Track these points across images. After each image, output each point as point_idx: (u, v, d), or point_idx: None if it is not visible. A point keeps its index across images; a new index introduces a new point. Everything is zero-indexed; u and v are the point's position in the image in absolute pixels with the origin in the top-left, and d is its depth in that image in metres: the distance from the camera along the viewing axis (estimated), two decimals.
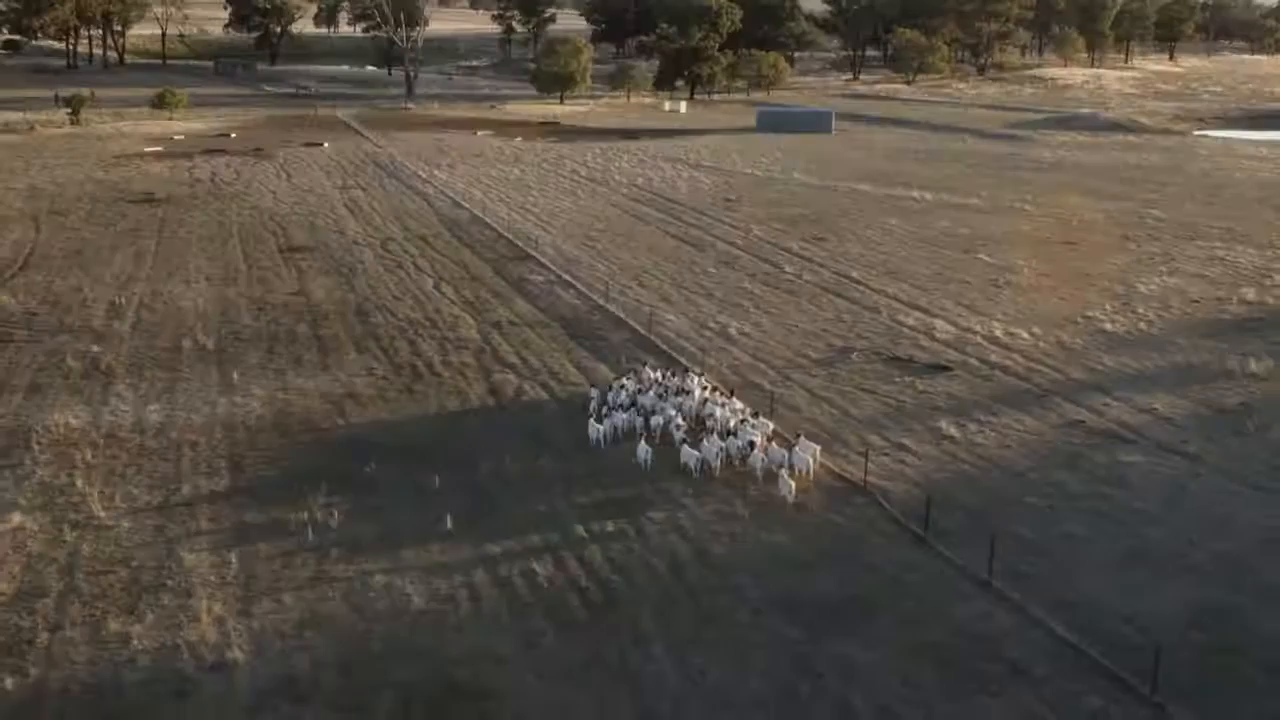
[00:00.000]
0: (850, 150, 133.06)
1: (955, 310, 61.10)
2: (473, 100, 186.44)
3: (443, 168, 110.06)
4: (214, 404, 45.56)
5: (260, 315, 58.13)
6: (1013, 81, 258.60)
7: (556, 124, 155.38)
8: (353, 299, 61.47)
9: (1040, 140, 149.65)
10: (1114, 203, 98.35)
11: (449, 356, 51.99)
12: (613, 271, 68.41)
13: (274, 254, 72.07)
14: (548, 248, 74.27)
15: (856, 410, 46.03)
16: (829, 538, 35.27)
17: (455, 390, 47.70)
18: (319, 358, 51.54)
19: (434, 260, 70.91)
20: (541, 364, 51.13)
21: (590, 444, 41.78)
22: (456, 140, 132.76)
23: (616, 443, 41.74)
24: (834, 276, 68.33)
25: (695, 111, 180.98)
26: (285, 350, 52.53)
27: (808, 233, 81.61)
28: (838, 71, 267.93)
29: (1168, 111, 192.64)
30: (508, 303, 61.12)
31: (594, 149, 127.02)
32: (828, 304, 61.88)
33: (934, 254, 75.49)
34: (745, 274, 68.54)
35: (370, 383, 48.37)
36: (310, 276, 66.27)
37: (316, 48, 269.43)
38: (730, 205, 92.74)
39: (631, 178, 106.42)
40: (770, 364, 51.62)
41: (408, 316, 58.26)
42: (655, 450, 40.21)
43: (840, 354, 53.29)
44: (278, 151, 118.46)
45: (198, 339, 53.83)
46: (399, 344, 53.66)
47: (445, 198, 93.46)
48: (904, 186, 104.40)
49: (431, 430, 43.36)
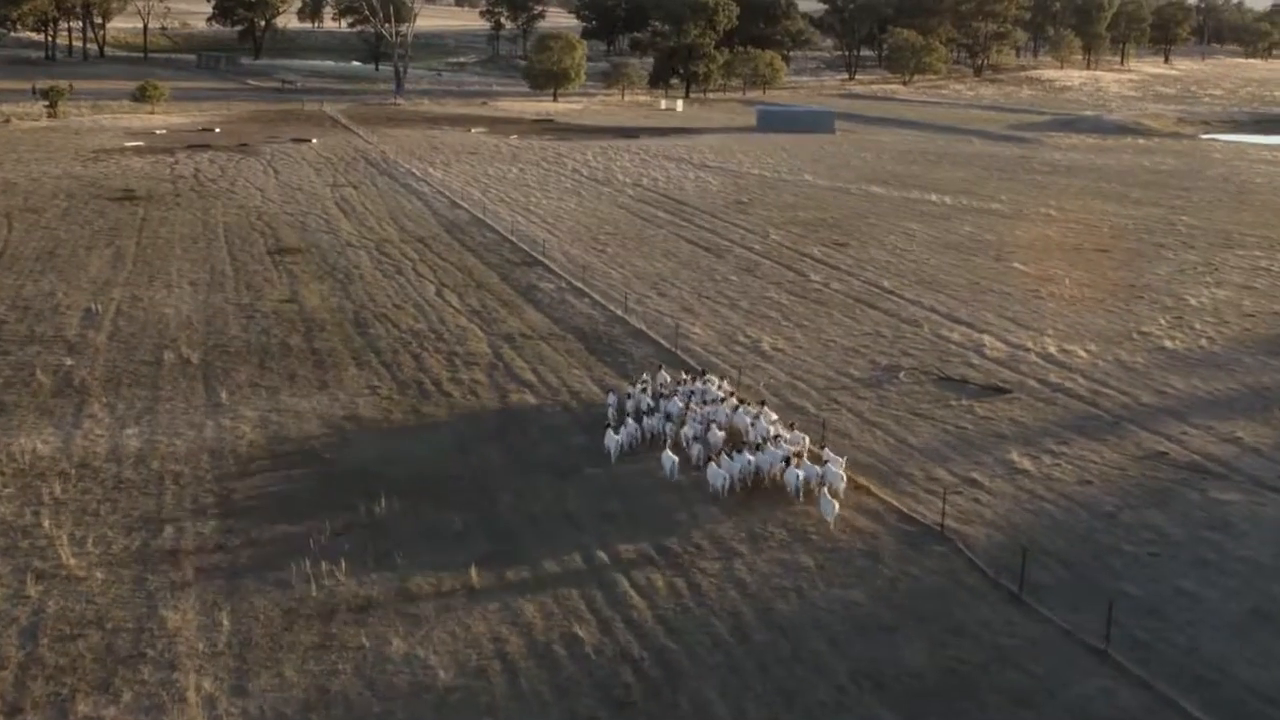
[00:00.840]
0: (857, 151, 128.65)
1: (1000, 324, 56.60)
2: (463, 97, 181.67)
3: (438, 165, 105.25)
4: (200, 427, 40.77)
5: (249, 325, 53.31)
6: (1010, 83, 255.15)
7: (551, 121, 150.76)
8: (349, 307, 56.68)
9: (1049, 143, 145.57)
10: (1139, 208, 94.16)
11: (458, 373, 47.25)
12: (627, 279, 63.77)
13: (263, 256, 67.25)
14: (556, 252, 69.54)
15: (915, 439, 41.45)
16: (910, 594, 30.68)
17: (468, 412, 42.98)
18: (315, 374, 46.77)
19: (434, 265, 66.15)
20: (560, 381, 46.49)
21: (607, 457, 38.53)
22: (450, 137, 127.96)
23: (633, 452, 38.70)
24: (864, 286, 63.79)
25: (692, 110, 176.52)
26: (278, 365, 47.75)
27: (828, 238, 77.07)
28: (832, 71, 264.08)
29: (1172, 114, 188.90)
30: (518, 313, 56.41)
31: (593, 147, 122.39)
32: (863, 316, 57.31)
33: (964, 261, 71.02)
34: (769, 282, 63.95)
35: (373, 403, 43.63)
36: (302, 281, 61.47)
37: (301, 42, 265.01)
38: (742, 208, 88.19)
39: (636, 178, 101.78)
40: (811, 384, 47.03)
41: (410, 327, 53.50)
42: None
43: (886, 373, 48.71)
44: (264, 147, 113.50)
45: (181, 351, 49.02)
46: (403, 358, 48.91)
47: (442, 197, 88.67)
48: (920, 189, 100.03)
49: (445, 459, 38.65)
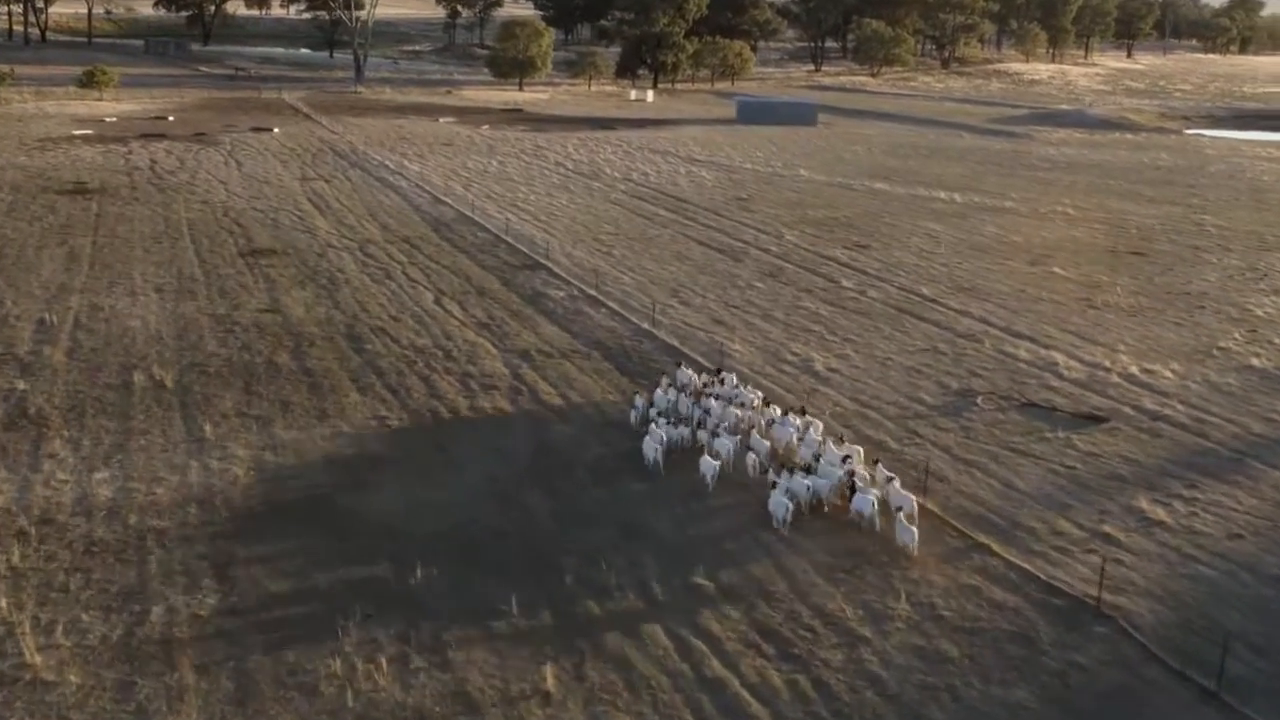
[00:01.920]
0: (845, 145, 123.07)
1: (1065, 339, 50.99)
2: (425, 85, 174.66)
3: (412, 157, 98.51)
4: (183, 470, 34.25)
5: (228, 339, 46.69)
6: (978, 76, 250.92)
7: (521, 111, 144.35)
8: (340, 318, 50.15)
9: (1038, 137, 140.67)
10: (1156, 207, 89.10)
11: (477, 400, 40.93)
12: (643, 284, 57.60)
13: (235, 258, 60.49)
14: (558, 254, 63.22)
15: (1021, 481, 35.59)
16: (1086, 694, 24.73)
17: (498, 451, 36.66)
18: (312, 400, 40.28)
19: (427, 268, 59.66)
20: (596, 409, 40.34)
21: (648, 467, 35.26)
22: (418, 127, 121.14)
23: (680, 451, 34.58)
24: (901, 293, 57.97)
25: (663, 101, 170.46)
26: (267, 389, 41.20)
27: (847, 239, 71.24)
28: (797, 63, 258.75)
29: (1151, 109, 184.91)
30: (530, 325, 50.09)
31: (572, 139, 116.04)
32: (913, 329, 51.46)
33: (999, 265, 65.40)
34: (798, 289, 57.99)
35: (385, 437, 37.23)
36: (283, 287, 54.84)
37: (249, 29, 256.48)
38: (745, 205, 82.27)
39: (625, 172, 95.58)
40: (882, 412, 41.10)
41: (412, 342, 47.05)
42: None
43: (961, 398, 42.88)
44: (223, 137, 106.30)
45: (153, 373, 42.36)
46: (410, 381, 42.49)
47: (423, 192, 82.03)
48: (924, 186, 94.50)
49: (481, 509, 32.37)
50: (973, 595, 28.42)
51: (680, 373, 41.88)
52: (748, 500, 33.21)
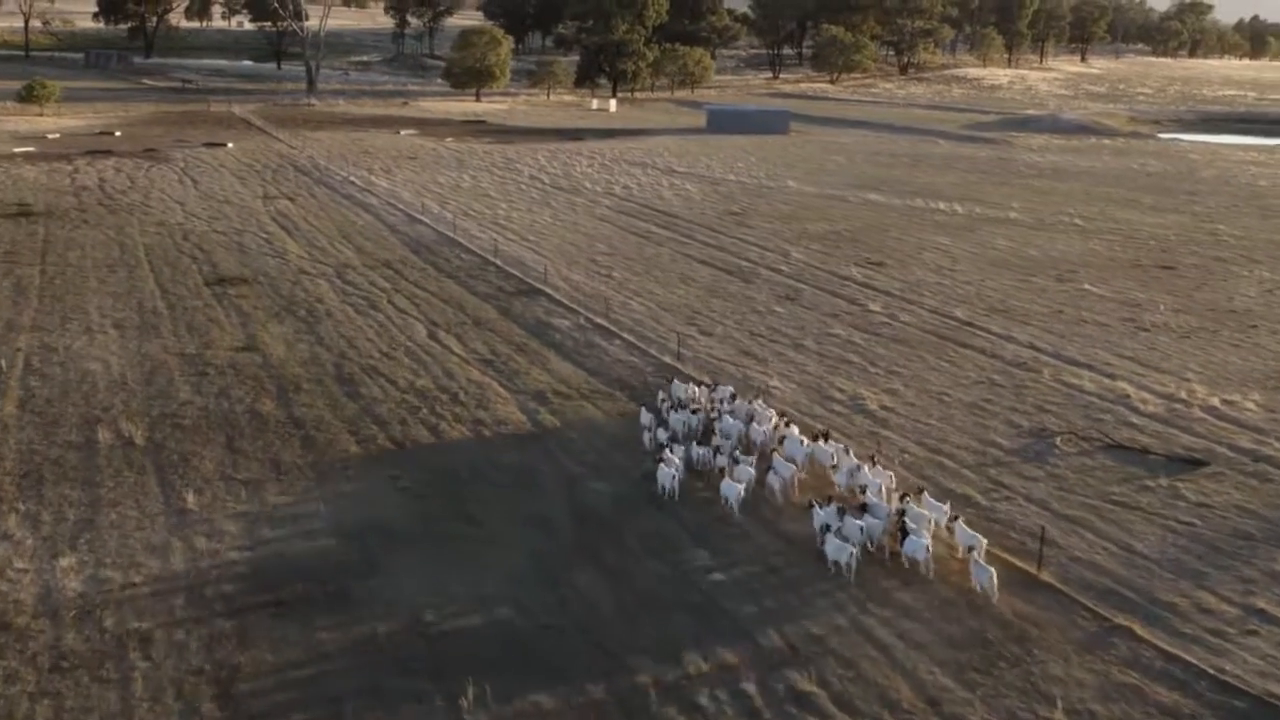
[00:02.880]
0: (824, 154, 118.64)
1: (1126, 366, 46.44)
2: (379, 97, 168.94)
3: (378, 173, 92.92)
4: (164, 552, 28.81)
5: (203, 384, 41.12)
6: (937, 81, 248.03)
7: (484, 123, 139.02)
8: (326, 357, 44.68)
9: (1017, 143, 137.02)
10: (1162, 216, 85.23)
11: (496, 453, 35.77)
12: (654, 311, 52.53)
13: (200, 288, 54.87)
14: (556, 278, 58.03)
15: (1140, 543, 30.83)
16: None
17: (533, 518, 31.46)
18: (306, 457, 34.86)
19: (414, 296, 54.29)
20: (636, 464, 35.12)
21: (661, 495, 32.52)
22: (380, 141, 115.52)
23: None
24: (935, 317, 53.26)
25: (626, 110, 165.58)
26: (253, 445, 35.72)
27: (858, 256, 66.51)
28: (753, 70, 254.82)
29: (1121, 113, 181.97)
30: (539, 361, 44.86)
31: (542, 151, 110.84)
32: (959, 359, 46.68)
33: (1025, 283, 60.89)
34: (823, 314, 53.11)
35: (402, 505, 31.88)
36: (258, 321, 49.29)
37: (192, 41, 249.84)
38: (740, 220, 77.41)
39: (606, 186, 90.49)
40: (955, 458, 36.22)
41: (411, 384, 41.71)
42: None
43: (1038, 440, 38.12)
44: (175, 153, 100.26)
45: (120, 427, 36.78)
46: (416, 431, 37.17)
47: (395, 210, 76.54)
48: (920, 197, 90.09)
49: (530, 598, 27.23)
50: (1136, 700, 23.59)
51: (676, 386, 39.71)
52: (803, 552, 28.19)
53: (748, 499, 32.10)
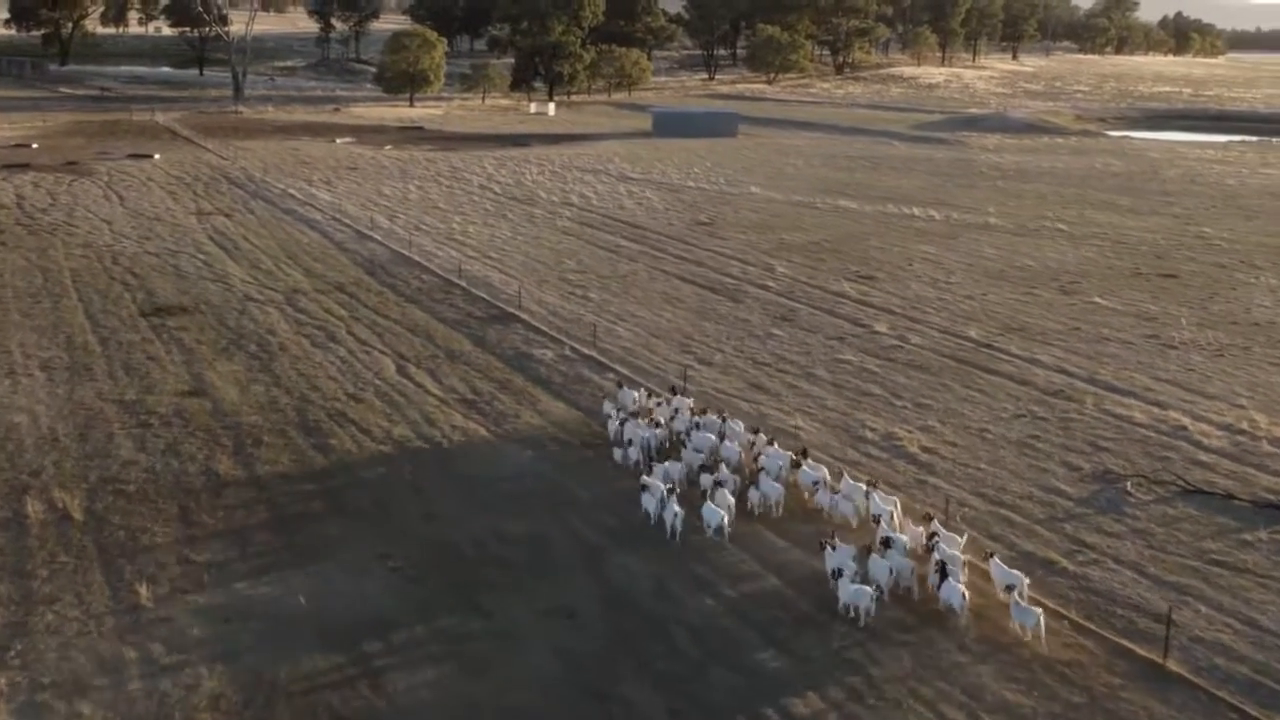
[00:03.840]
0: (779, 157, 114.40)
1: (1169, 392, 42.45)
2: (309, 103, 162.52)
3: (318, 184, 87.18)
4: (117, 671, 23.68)
5: (147, 439, 35.70)
6: (874, 81, 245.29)
7: (422, 129, 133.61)
8: (286, 401, 39.35)
9: (972, 144, 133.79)
10: (1142, 219, 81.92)
11: (500, 522, 30.94)
12: (643, 338, 47.68)
13: (135, 319, 49.28)
14: (529, 301, 53.05)
15: (1265, 617, 26.53)
16: None
17: (559, 611, 26.69)
18: (278, 533, 29.70)
19: (375, 325, 49.01)
20: (666, 533, 30.10)
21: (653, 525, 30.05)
22: (316, 149, 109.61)
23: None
24: (947, 338, 48.93)
25: (565, 114, 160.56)
26: (212, 517, 30.52)
27: (845, 269, 62.16)
28: (688, 71, 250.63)
29: (1067, 111, 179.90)
30: (528, 400, 39.87)
31: (488, 159, 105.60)
32: (989, 387, 42.35)
33: (1030, 297, 56.86)
34: (826, 337, 48.56)
35: (397, 593, 26.83)
36: (203, 359, 43.83)
37: (109, 47, 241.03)
38: (711, 231, 72.89)
39: (562, 195, 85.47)
40: (1021, 510, 31.77)
41: (388, 433, 36.55)
42: None
43: (1105, 485, 33.85)
44: (98, 165, 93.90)
45: (52, 497, 31.34)
46: (401, 497, 32.10)
47: (342, 226, 71.05)
48: (890, 202, 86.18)
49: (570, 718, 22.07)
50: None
51: (624, 394, 37.93)
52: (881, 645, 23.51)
53: (731, 525, 29.65)
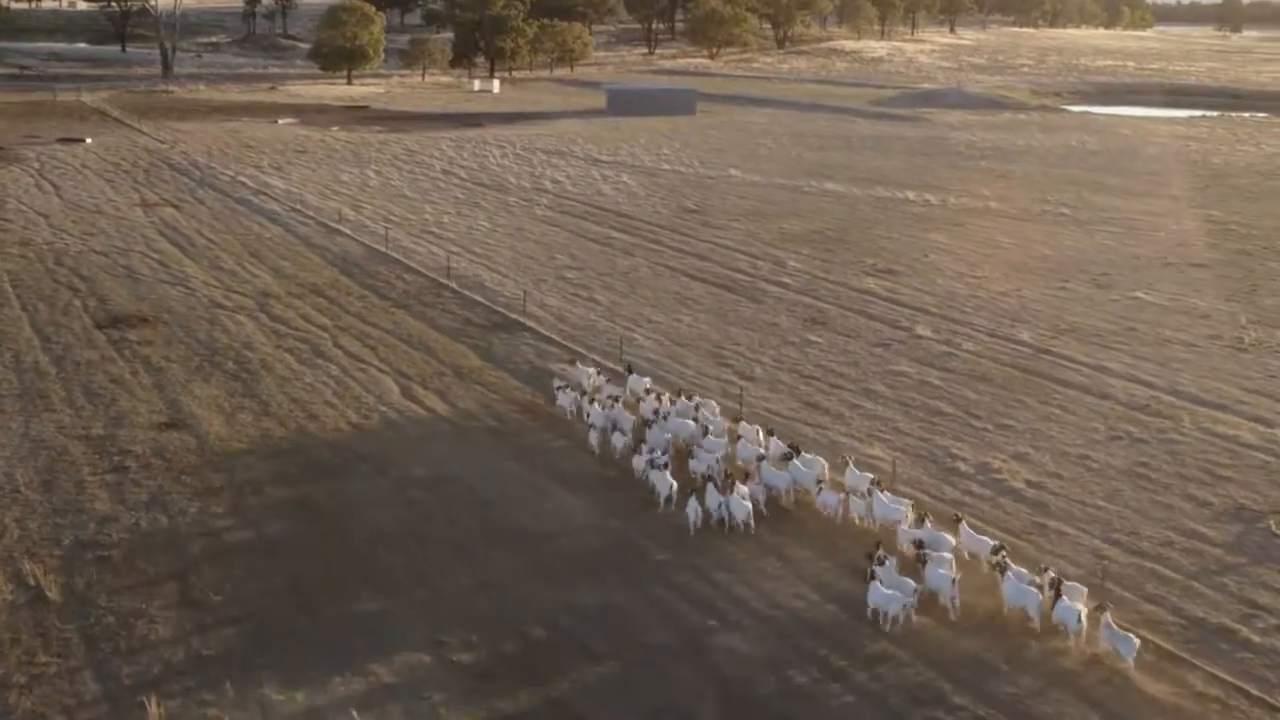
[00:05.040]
0: (746, 136, 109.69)
1: (1265, 405, 38.45)
2: (242, 81, 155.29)
3: (269, 170, 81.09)
4: None
5: (125, 487, 30.24)
6: (817, 55, 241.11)
7: (366, 108, 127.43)
8: (281, 434, 33.99)
9: (936, 120, 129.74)
10: (1142, 201, 78.30)
11: (571, 592, 25.48)
12: (668, 348, 42.77)
13: (90, 332, 43.50)
14: (532, 305, 47.77)
15: None
16: None
17: (665, 708, 21.34)
18: (304, 616, 24.40)
19: (365, 336, 43.60)
20: (769, 601, 25.30)
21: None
22: (259, 131, 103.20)
23: None
24: (999, 342, 44.66)
25: (511, 92, 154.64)
26: (221, 596, 25.14)
27: (859, 261, 57.71)
28: (626, 45, 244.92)
29: (1020, 86, 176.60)
30: (560, 429, 34.77)
31: (444, 140, 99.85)
32: (1067, 402, 38.05)
33: (1064, 291, 52.83)
34: (870, 343, 43.94)
35: (467, 697, 21.63)
36: (176, 380, 38.28)
37: (22, 22, 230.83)
38: (703, 220, 68.07)
39: (533, 180, 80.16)
40: (1164, 560, 27.60)
41: (408, 474, 31.39)
42: None
43: (1244, 524, 29.96)
44: (26, 151, 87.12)
45: (20, 568, 26.13)
46: (446, 559, 26.78)
47: (304, 217, 65.29)
48: (879, 185, 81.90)
49: None
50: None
51: (580, 371, 37.38)
52: None
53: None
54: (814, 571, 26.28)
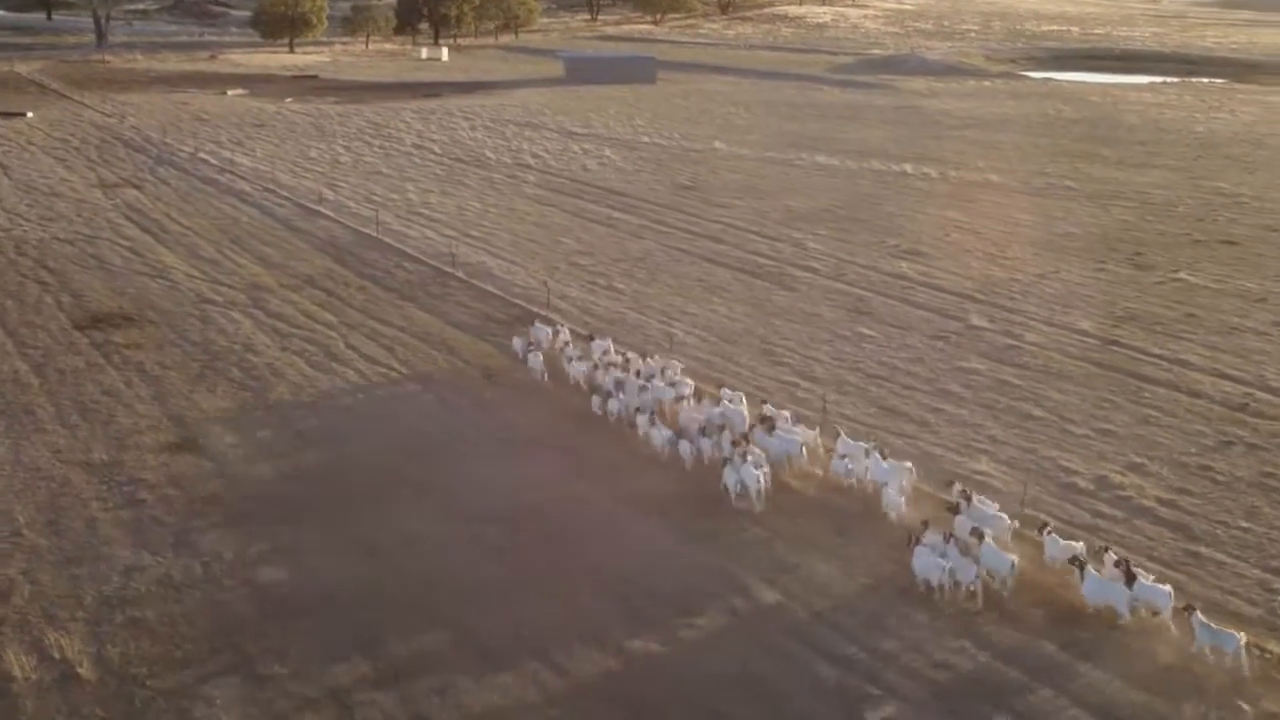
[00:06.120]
0: (715, 106, 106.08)
1: None
2: (180, 50, 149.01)
3: (229, 146, 76.40)
4: None
5: (145, 527, 26.31)
6: (762, 20, 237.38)
7: (315, 78, 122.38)
8: (314, 457, 30.14)
9: (901, 87, 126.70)
10: (1142, 172, 75.70)
11: (694, 650, 21.91)
12: (713, 344, 39.38)
13: (69, 333, 39.17)
14: (556, 298, 43.81)
15: None
16: None
17: None
18: (390, 696, 20.80)
19: (378, 335, 39.69)
20: (925, 660, 21.95)
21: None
22: (209, 104, 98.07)
23: None
24: (1062, 333, 41.84)
25: (460, 60, 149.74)
26: (285, 665, 21.22)
27: (881, 242, 54.67)
28: (567, 11, 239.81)
29: (975, 52, 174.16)
30: (617, 442, 30.97)
31: (406, 112, 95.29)
32: (1160, 401, 35.37)
33: (1104, 273, 50.11)
34: (925, 336, 40.80)
35: None
36: (177, 391, 34.22)
37: None
38: (702, 197, 64.52)
39: (513, 155, 76.16)
40: None
41: (475, 508, 27.52)
42: None
43: None
44: None
45: (41, 637, 22.05)
46: (528, 602, 23.15)
47: (279, 198, 60.90)
48: (870, 158, 78.88)
49: None
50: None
51: (537, 330, 37.31)
52: None
53: None
54: (966, 619, 22.84)
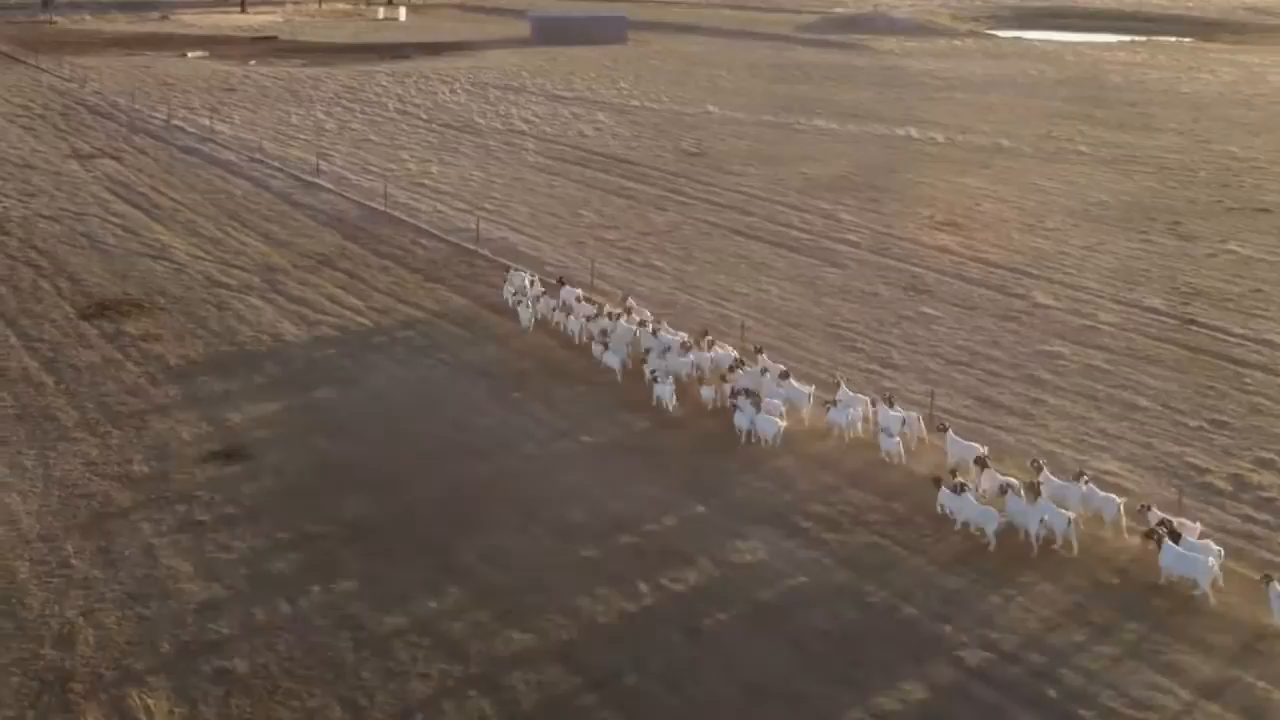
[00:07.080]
0: (696, 68, 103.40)
1: None
2: (129, 10, 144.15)
3: (202, 112, 72.81)
4: None
5: (208, 553, 23.61)
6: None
7: (274, 38, 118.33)
8: (368, 458, 27.21)
9: (874, 46, 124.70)
10: (1147, 136, 74.12)
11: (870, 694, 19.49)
12: (775, 327, 37.12)
13: (75, 324, 36.14)
14: (596, 278, 41.02)
15: None
16: None
17: None
18: None
19: (412, 320, 36.87)
20: (1134, 702, 19.60)
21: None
22: (171, 67, 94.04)
23: None
24: (1133, 311, 40.05)
25: (420, 20, 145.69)
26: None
27: (912, 212, 52.72)
28: None
29: (941, 11, 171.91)
30: (714, 437, 28.42)
31: (380, 76, 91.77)
32: (1263, 389, 33.41)
33: (1151, 245, 48.43)
34: (993, 316, 38.70)
35: None
36: (210, 389, 31.45)
37: None
38: (713, 164, 61.94)
39: (504, 121, 73.19)
40: None
41: (564, 518, 24.84)
42: None
43: None
44: None
45: (126, 702, 19.59)
46: (672, 643, 20.80)
47: (270, 168, 57.65)
48: (871, 121, 76.94)
49: None
50: None
51: (514, 275, 37.50)
52: None
53: None
54: (1166, 655, 20.51)
